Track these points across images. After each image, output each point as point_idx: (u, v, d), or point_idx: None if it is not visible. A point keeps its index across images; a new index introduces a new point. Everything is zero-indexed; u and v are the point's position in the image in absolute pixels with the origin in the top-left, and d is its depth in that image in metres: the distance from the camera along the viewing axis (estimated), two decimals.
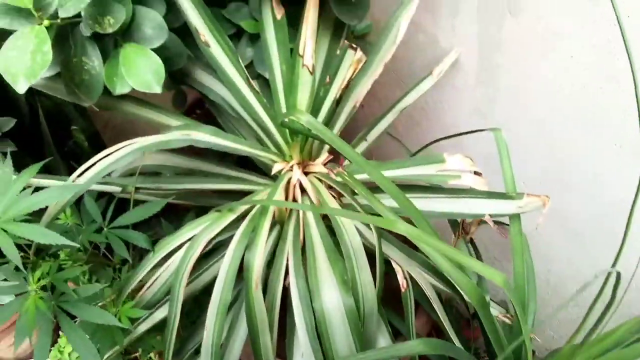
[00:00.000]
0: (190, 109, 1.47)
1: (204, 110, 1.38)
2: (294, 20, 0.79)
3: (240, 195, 0.89)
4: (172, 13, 0.79)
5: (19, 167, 0.95)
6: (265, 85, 0.92)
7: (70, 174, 1.03)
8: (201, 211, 1.03)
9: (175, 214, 0.97)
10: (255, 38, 0.90)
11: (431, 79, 0.98)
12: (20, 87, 0.53)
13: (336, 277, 0.72)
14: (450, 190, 0.81)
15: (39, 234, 0.56)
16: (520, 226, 0.79)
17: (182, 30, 0.83)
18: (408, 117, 1.23)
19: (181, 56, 0.78)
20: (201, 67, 0.86)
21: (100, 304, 0.75)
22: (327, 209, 0.70)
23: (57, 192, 0.59)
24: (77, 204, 0.81)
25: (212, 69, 0.84)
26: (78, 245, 0.64)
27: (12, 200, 0.58)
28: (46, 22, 0.57)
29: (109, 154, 0.67)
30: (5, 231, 0.57)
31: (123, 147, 0.67)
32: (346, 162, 0.91)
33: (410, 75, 1.16)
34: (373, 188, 0.75)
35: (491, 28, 0.90)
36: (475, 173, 0.81)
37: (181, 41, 0.80)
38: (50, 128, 0.98)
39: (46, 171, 1.00)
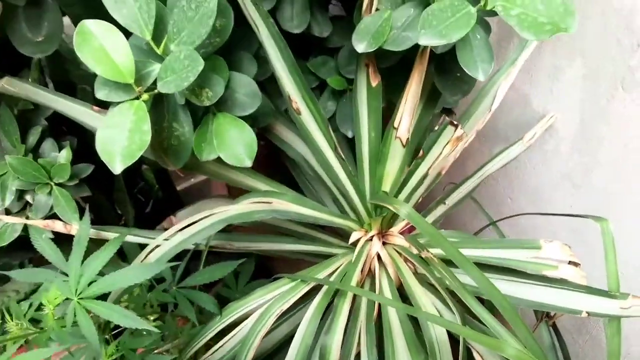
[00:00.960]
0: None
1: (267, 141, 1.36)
2: (388, 87, 0.74)
3: (313, 255, 0.85)
4: (259, 66, 0.76)
5: (88, 202, 0.94)
6: (344, 141, 0.88)
7: (138, 213, 1.02)
8: (266, 259, 1.00)
9: None
10: (339, 93, 0.85)
11: (521, 145, 0.92)
12: (117, 168, 0.50)
13: None
14: (542, 277, 0.74)
15: (121, 316, 0.53)
16: (619, 327, 0.71)
17: (265, 82, 0.79)
18: None
19: (268, 115, 0.75)
20: (282, 122, 0.82)
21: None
22: (422, 313, 0.65)
23: (139, 272, 0.56)
24: None
25: (293, 125, 0.80)
26: (158, 332, 0.61)
27: (92, 274, 0.56)
28: (145, 97, 0.54)
29: (191, 224, 0.64)
30: (84, 308, 0.54)
31: (205, 217, 0.64)
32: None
33: (493, 131, 1.09)
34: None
35: (598, 98, 0.83)
36: (572, 263, 0.74)
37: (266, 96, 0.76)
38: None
39: (114, 208, 0.99)
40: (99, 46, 0.51)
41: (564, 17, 0.51)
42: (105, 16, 0.54)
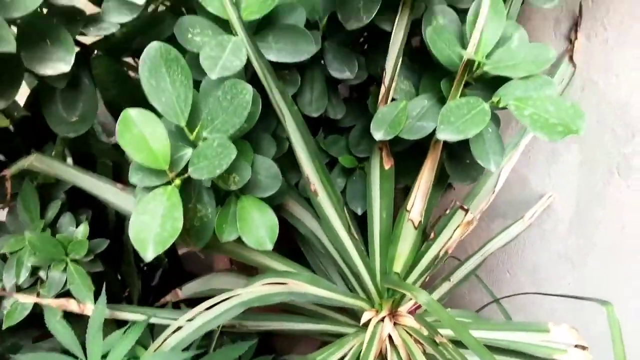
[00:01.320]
0: None
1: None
2: (400, 169, 0.78)
3: (321, 334, 0.84)
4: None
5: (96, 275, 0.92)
6: (352, 217, 0.90)
7: (145, 284, 1.01)
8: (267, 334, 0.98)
9: None
10: (349, 171, 0.88)
11: (522, 224, 0.95)
12: (148, 256, 0.51)
13: None
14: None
15: None
16: None
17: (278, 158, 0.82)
18: None
19: (283, 194, 0.77)
20: (293, 198, 0.84)
21: None
22: None
23: None
24: None
25: (304, 200, 0.82)
26: None
27: None
28: (177, 182, 0.56)
29: (210, 307, 0.64)
30: None
31: (225, 299, 0.64)
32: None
33: (492, 209, 1.12)
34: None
35: (594, 183, 0.87)
36: (579, 346, 0.75)
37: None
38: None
39: (118, 280, 0.98)
40: (139, 133, 0.53)
41: (574, 119, 0.56)
42: (140, 100, 0.56)
